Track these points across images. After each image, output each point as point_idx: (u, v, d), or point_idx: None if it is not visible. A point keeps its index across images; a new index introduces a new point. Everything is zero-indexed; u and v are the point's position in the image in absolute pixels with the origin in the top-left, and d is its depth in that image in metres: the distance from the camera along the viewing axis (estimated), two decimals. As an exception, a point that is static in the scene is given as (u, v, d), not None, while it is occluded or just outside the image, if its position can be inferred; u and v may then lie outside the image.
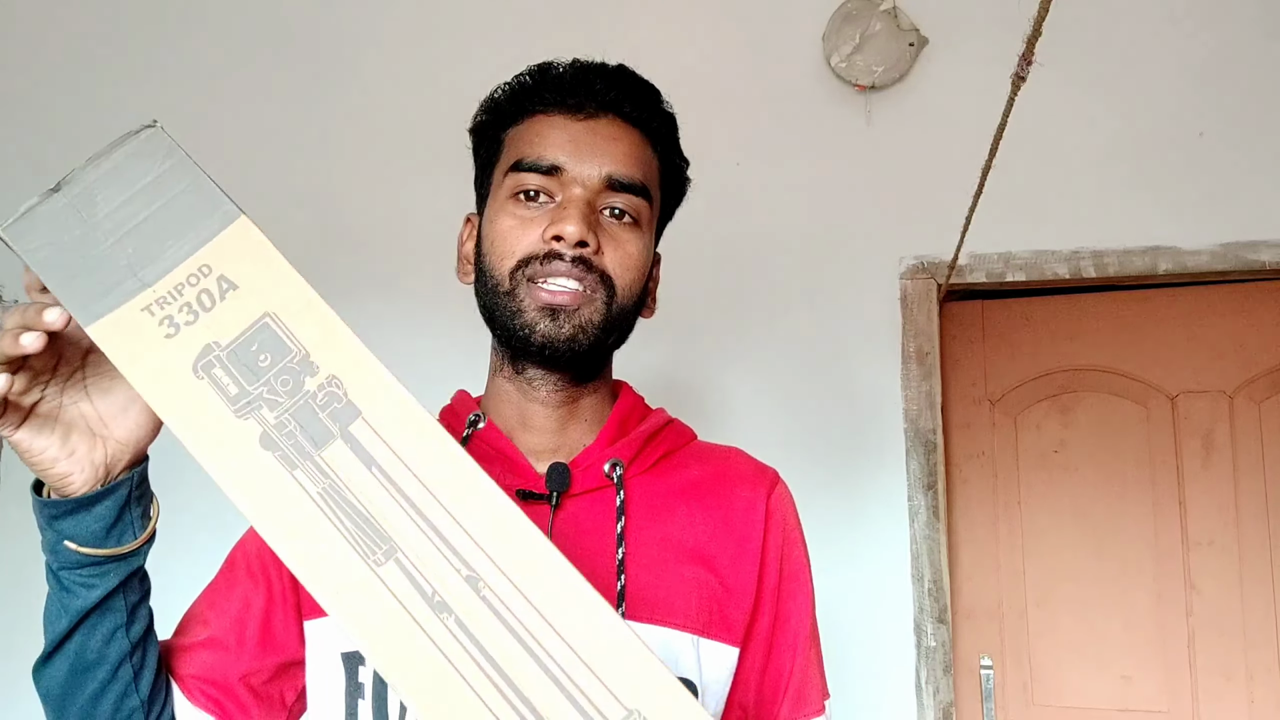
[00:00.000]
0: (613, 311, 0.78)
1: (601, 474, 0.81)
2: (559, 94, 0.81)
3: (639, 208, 0.80)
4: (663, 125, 0.85)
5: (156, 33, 2.36)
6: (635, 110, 0.82)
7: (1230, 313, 2.08)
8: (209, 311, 0.58)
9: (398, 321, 2.18)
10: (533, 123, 0.81)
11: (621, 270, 0.79)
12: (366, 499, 0.56)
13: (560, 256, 0.76)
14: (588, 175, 0.78)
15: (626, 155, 0.80)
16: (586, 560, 0.76)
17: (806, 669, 0.83)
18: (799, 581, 0.84)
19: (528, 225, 0.78)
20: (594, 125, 0.80)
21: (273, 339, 0.58)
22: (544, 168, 0.78)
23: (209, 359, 0.57)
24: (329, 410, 0.57)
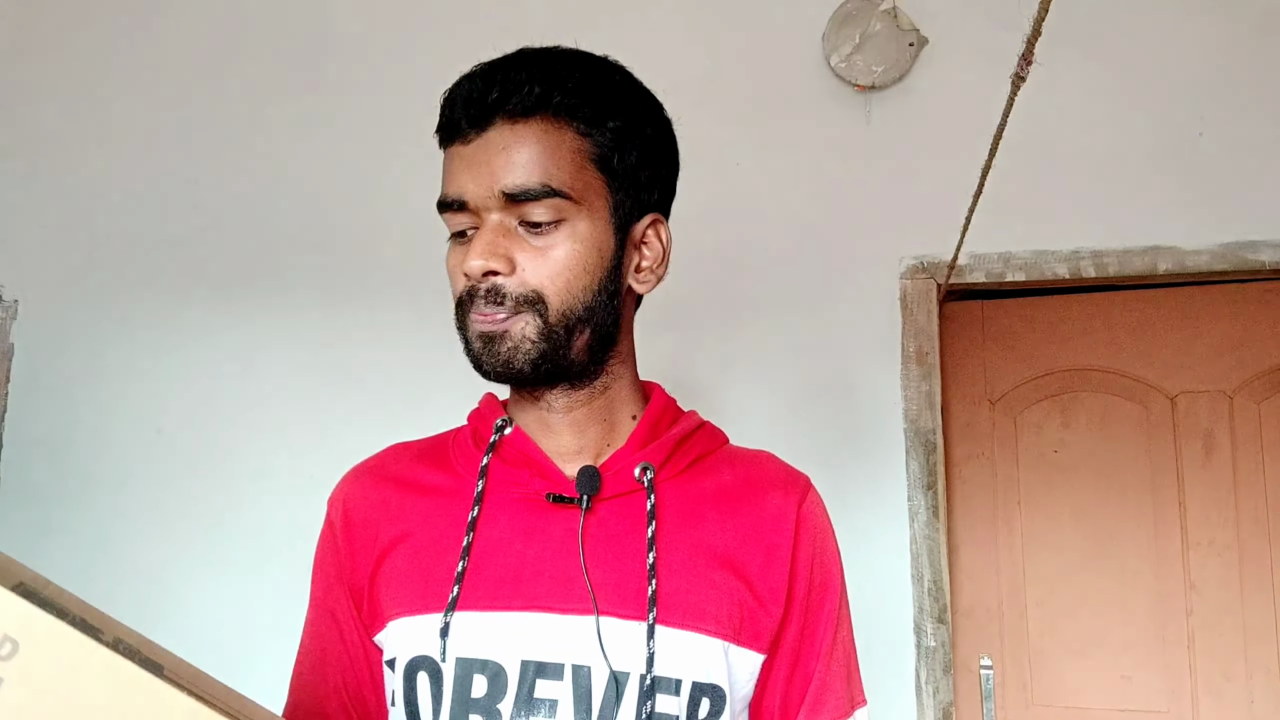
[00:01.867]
0: (551, 320, 0.76)
1: (632, 478, 0.80)
2: (453, 123, 0.78)
3: (553, 208, 0.75)
4: (568, 97, 0.76)
5: (155, 33, 2.36)
6: (521, 100, 0.75)
7: (1230, 313, 2.08)
8: None
9: (402, 322, 2.18)
10: (445, 159, 0.80)
11: (549, 279, 0.76)
12: None
13: (478, 291, 0.76)
14: (485, 199, 0.76)
15: (519, 162, 0.75)
16: (616, 564, 0.76)
17: (826, 676, 0.82)
18: (829, 590, 0.84)
19: (461, 264, 0.78)
20: (483, 141, 0.76)
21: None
22: (453, 205, 0.77)
23: None
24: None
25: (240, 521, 2.14)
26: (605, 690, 0.73)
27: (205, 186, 2.29)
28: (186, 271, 2.26)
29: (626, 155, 0.79)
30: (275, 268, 2.24)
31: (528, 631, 0.75)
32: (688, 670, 0.75)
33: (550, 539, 0.78)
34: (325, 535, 0.87)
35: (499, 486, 0.81)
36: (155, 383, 2.22)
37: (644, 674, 0.73)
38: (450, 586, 0.76)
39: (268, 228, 2.26)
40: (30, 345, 2.27)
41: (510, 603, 0.75)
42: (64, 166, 2.34)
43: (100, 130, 2.34)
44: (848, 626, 0.86)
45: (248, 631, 2.06)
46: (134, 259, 2.28)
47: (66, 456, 2.21)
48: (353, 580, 0.83)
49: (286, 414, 2.17)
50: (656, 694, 0.73)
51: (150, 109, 2.33)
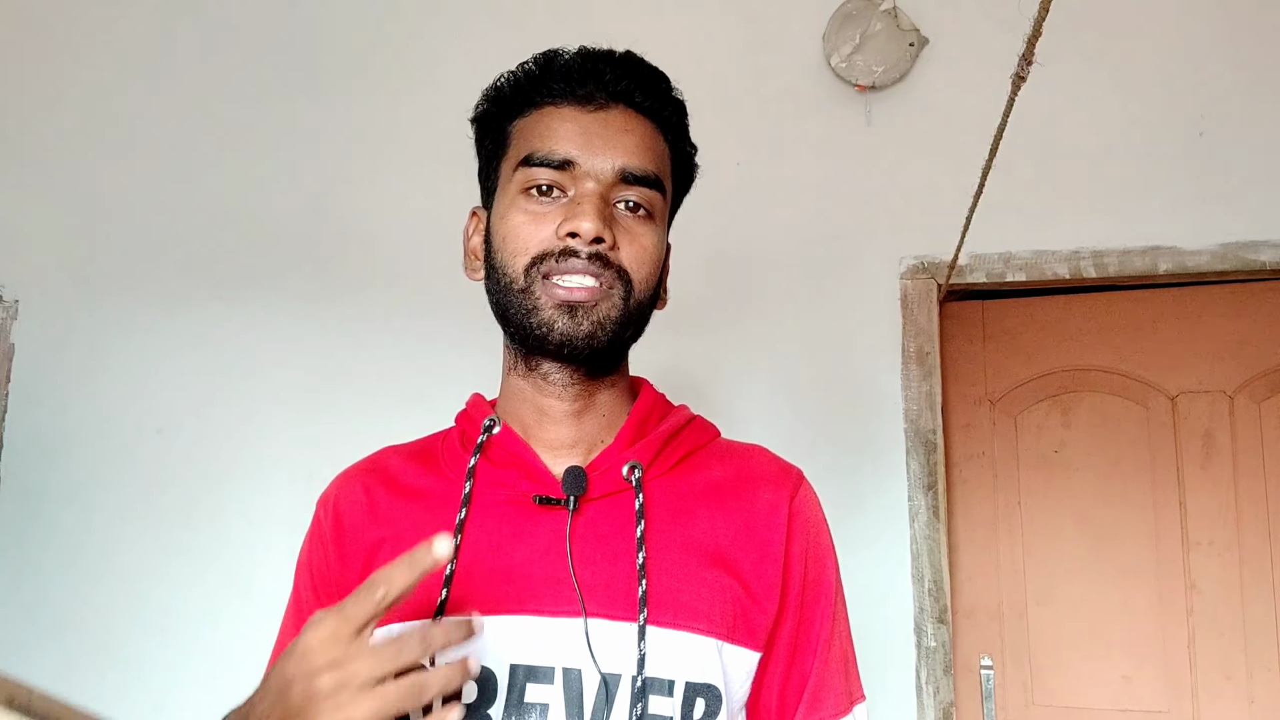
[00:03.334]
0: (630, 306, 0.77)
1: (620, 477, 0.79)
2: (568, 84, 0.79)
3: (653, 200, 0.79)
4: (674, 114, 0.83)
5: (157, 34, 2.36)
6: (646, 99, 0.80)
7: (1230, 313, 2.08)
8: None
9: (404, 322, 2.18)
10: (541, 115, 0.79)
11: (637, 265, 0.78)
12: None
13: (576, 253, 0.75)
14: (601, 169, 0.77)
15: (639, 147, 0.79)
16: (606, 565, 0.75)
17: (824, 673, 0.81)
18: (824, 586, 0.83)
19: (541, 221, 0.77)
20: (605, 116, 0.78)
21: None
22: (556, 162, 0.77)
23: None
24: None
25: (240, 521, 2.14)
26: (596, 693, 0.72)
27: (205, 186, 2.29)
28: (186, 272, 2.26)
29: (684, 179, 0.86)
30: (275, 268, 2.24)
31: (516, 635, 0.74)
32: (681, 670, 0.74)
33: (538, 541, 0.77)
34: (313, 535, 0.86)
35: (486, 488, 0.80)
36: (155, 383, 2.22)
37: (635, 675, 0.72)
38: (439, 590, 0.75)
39: (268, 228, 2.26)
40: (30, 345, 2.27)
41: (499, 606, 0.75)
42: (64, 166, 2.34)
43: (100, 130, 2.34)
44: (844, 622, 0.85)
45: (247, 631, 2.06)
46: (134, 259, 2.28)
47: (66, 456, 2.21)
48: (340, 582, 0.82)
49: (286, 414, 2.18)
50: (649, 695, 0.73)
51: (150, 109, 2.33)
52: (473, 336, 2.03)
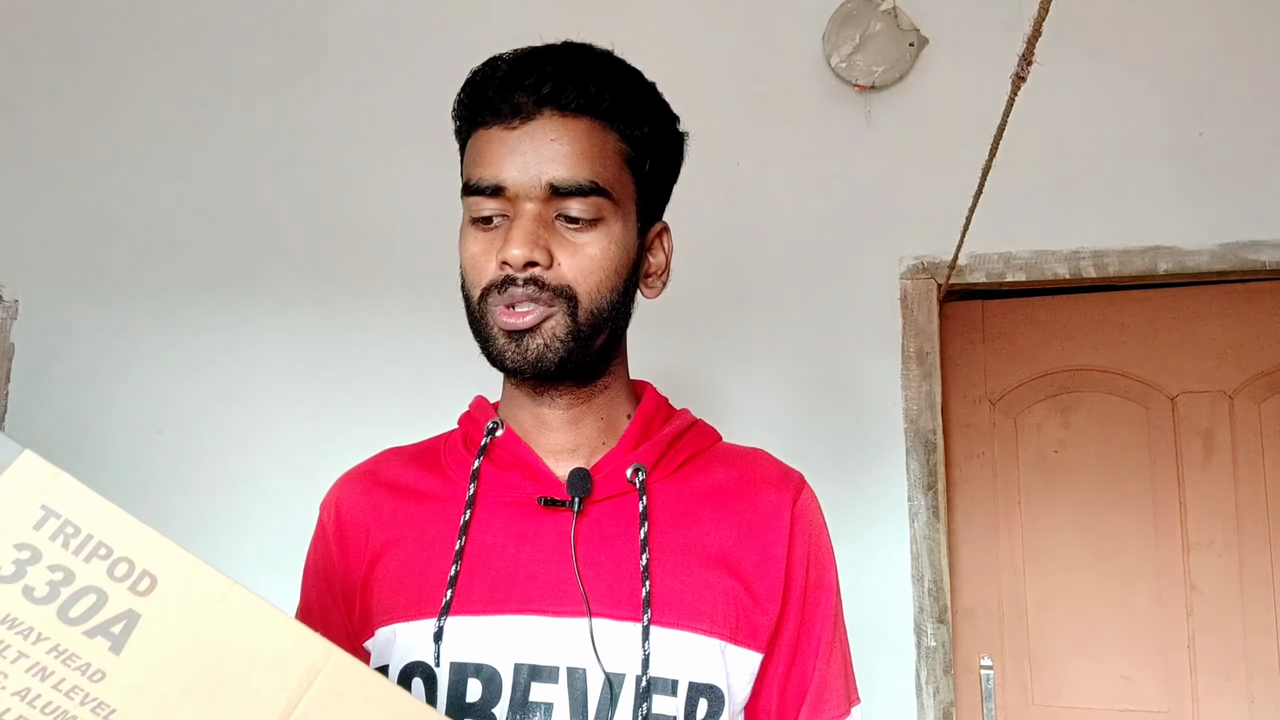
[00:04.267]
0: (580, 320, 0.76)
1: (624, 479, 0.80)
2: (493, 105, 0.77)
3: (595, 206, 0.76)
4: (616, 100, 0.78)
5: (157, 33, 2.36)
6: (576, 97, 0.76)
7: (1230, 313, 2.08)
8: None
9: (404, 323, 2.18)
10: (475, 139, 0.79)
11: (583, 276, 0.76)
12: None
13: (514, 280, 0.75)
14: (529, 189, 0.75)
15: (569, 154, 0.75)
16: (610, 566, 0.76)
17: (827, 674, 0.82)
18: (824, 588, 0.83)
19: (488, 252, 0.77)
20: (530, 129, 0.75)
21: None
22: (487, 189, 0.76)
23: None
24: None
25: (240, 521, 2.14)
26: (600, 693, 0.73)
27: (205, 186, 2.29)
28: (186, 272, 2.26)
29: (655, 162, 0.82)
30: (275, 268, 2.24)
31: (521, 635, 0.74)
32: (684, 671, 0.74)
33: (543, 542, 0.77)
34: (317, 539, 0.87)
35: (490, 489, 0.80)
36: (155, 383, 2.22)
37: (639, 675, 0.73)
38: (443, 591, 0.76)
39: (267, 228, 2.26)
40: (30, 345, 2.27)
41: (503, 606, 0.75)
42: (64, 166, 2.34)
43: (100, 130, 2.34)
44: (843, 625, 0.86)
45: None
46: (134, 259, 2.28)
47: (66, 456, 2.20)
48: (345, 585, 0.83)
49: (286, 414, 2.17)
50: (653, 695, 0.73)
51: (150, 109, 2.33)
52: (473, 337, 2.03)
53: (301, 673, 0.45)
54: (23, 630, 0.42)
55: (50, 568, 0.44)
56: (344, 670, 0.46)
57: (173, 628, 0.44)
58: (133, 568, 0.45)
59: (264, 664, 0.45)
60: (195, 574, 0.46)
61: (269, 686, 0.44)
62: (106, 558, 0.45)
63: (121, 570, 0.45)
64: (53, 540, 0.45)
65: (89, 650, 0.43)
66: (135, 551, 0.46)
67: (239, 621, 0.46)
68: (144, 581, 0.45)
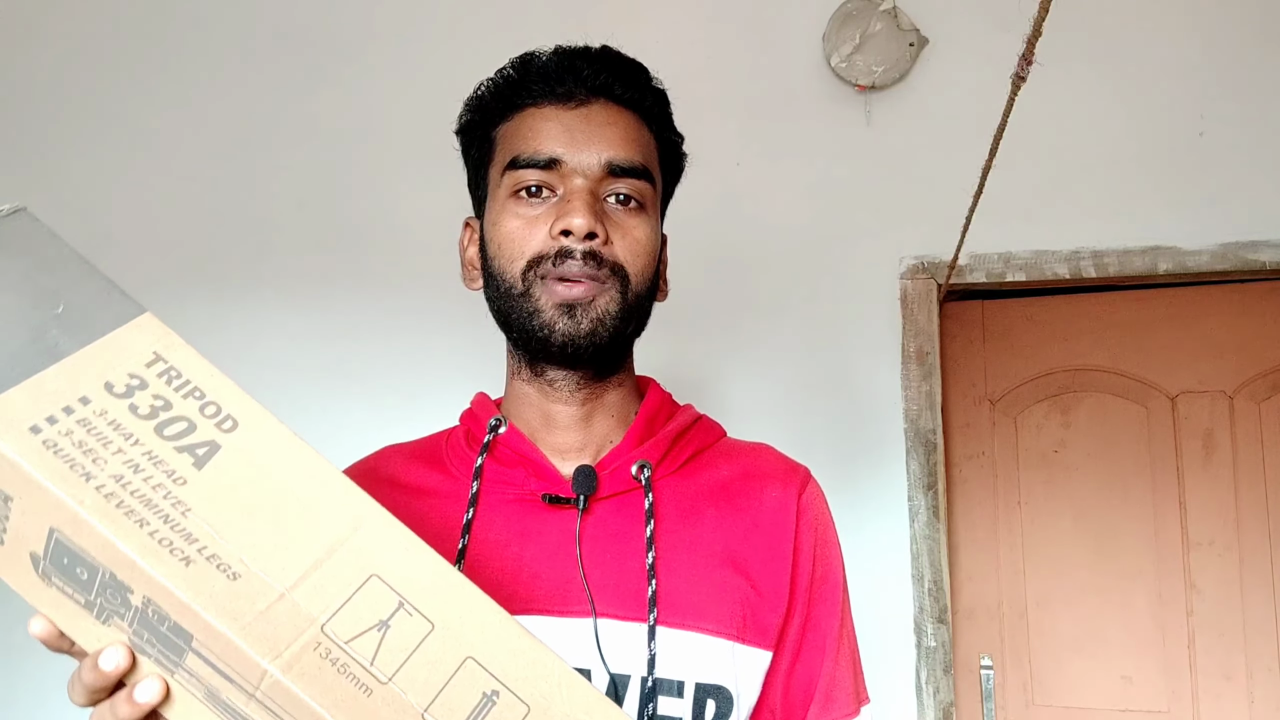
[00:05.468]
0: (628, 300, 0.77)
1: (629, 476, 0.79)
2: (546, 84, 0.79)
3: (642, 191, 0.79)
4: (655, 103, 0.83)
5: (155, 31, 2.36)
6: (626, 91, 0.80)
7: (1230, 313, 2.08)
8: (7, 521, 0.50)
9: (403, 322, 2.18)
10: (524, 117, 0.79)
11: (632, 257, 0.77)
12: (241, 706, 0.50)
13: (571, 252, 0.75)
14: (587, 164, 0.76)
15: (624, 139, 0.78)
16: (615, 565, 0.75)
17: (836, 671, 0.81)
18: (830, 583, 0.82)
19: (533, 224, 0.76)
20: (587, 112, 0.78)
21: (71, 554, 0.49)
22: (542, 162, 0.76)
23: (42, 567, 0.50)
24: (167, 626, 0.49)
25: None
26: (605, 694, 0.71)
27: (205, 186, 2.29)
28: (186, 271, 2.26)
29: (673, 168, 0.86)
30: (274, 268, 2.24)
31: None
32: (691, 671, 0.73)
33: (547, 540, 0.76)
34: None
35: (494, 487, 0.80)
36: (155, 383, 2.22)
37: (645, 676, 0.72)
38: None
39: (267, 227, 2.26)
40: (30, 345, 2.27)
41: (507, 606, 0.73)
42: (64, 167, 2.34)
43: (100, 130, 2.34)
44: (850, 620, 0.85)
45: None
46: (133, 259, 2.28)
47: (66, 456, 2.20)
48: None
49: (286, 413, 2.16)
50: (659, 696, 0.72)
51: (150, 108, 2.33)
52: (473, 335, 2.03)
53: (350, 518, 0.52)
54: (125, 433, 0.50)
55: (154, 395, 0.52)
56: (386, 525, 0.53)
57: (247, 460, 0.52)
58: (220, 410, 0.53)
59: (320, 504, 0.52)
60: (272, 426, 0.54)
61: (323, 522, 0.51)
62: (200, 399, 0.53)
63: (211, 410, 0.53)
64: (159, 377, 0.53)
65: (176, 461, 0.50)
66: (225, 399, 0.54)
67: (304, 469, 0.53)
68: (228, 422, 0.53)
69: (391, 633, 0.49)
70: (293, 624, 0.48)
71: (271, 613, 0.48)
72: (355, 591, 0.50)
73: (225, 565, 0.48)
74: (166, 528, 0.48)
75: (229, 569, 0.48)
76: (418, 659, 0.49)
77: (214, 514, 0.49)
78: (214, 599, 0.47)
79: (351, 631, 0.49)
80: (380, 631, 0.49)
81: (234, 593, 0.48)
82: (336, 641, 0.48)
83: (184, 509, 0.49)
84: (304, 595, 0.49)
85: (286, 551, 0.50)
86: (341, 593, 0.50)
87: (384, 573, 0.51)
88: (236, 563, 0.48)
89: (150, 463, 0.50)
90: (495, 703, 0.50)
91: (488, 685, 0.50)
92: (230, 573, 0.48)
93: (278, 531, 0.50)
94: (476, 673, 0.50)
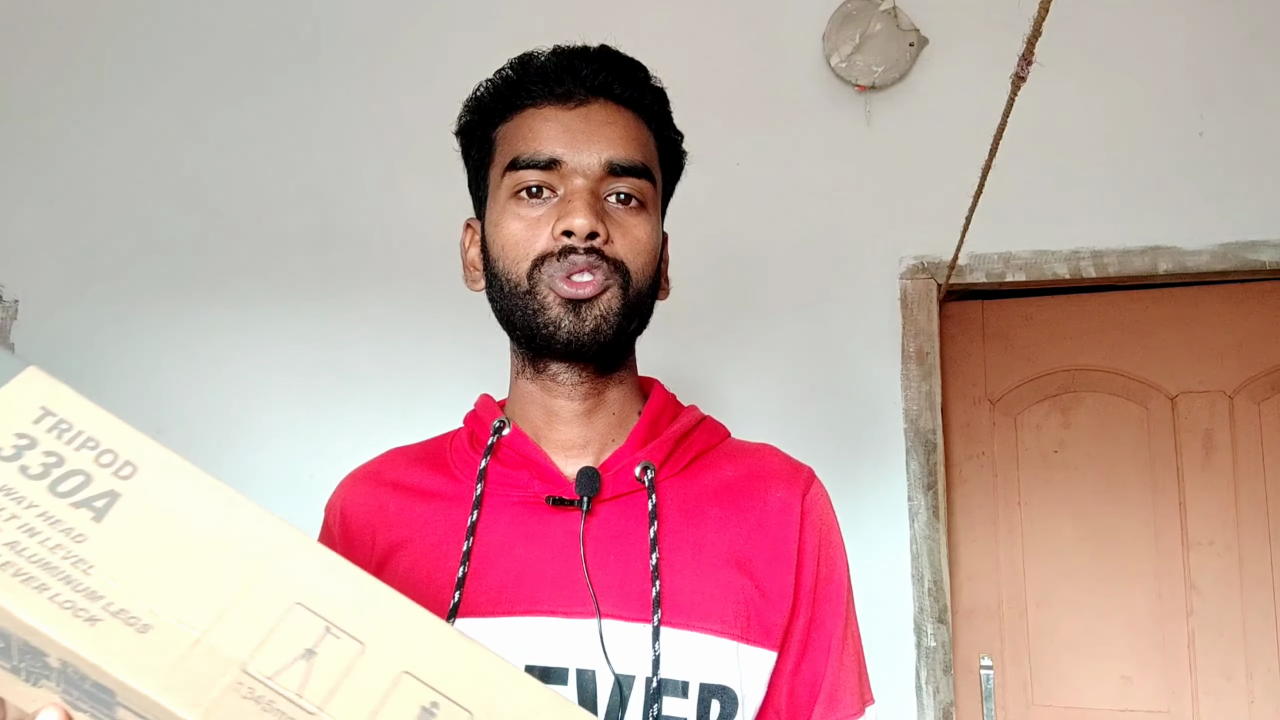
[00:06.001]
0: (630, 298, 0.78)
1: (633, 478, 0.79)
2: (546, 84, 0.79)
3: (643, 190, 0.79)
4: (655, 101, 0.83)
5: (156, 31, 2.36)
6: (626, 90, 0.80)
7: (1230, 313, 2.08)
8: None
9: (400, 323, 2.18)
10: (523, 118, 0.80)
11: (633, 256, 0.78)
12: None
13: (575, 250, 0.75)
14: (587, 164, 0.77)
15: (624, 138, 0.79)
16: (619, 566, 0.75)
17: (840, 672, 0.81)
18: (835, 584, 0.82)
19: (535, 225, 0.77)
20: (586, 112, 0.79)
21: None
22: (542, 162, 0.77)
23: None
24: (88, 684, 0.48)
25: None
26: (610, 695, 0.72)
27: (205, 186, 2.29)
28: (186, 271, 2.26)
29: (674, 166, 0.86)
30: (274, 268, 2.24)
31: (530, 636, 0.73)
32: (695, 672, 0.73)
33: (551, 542, 0.77)
34: (322, 542, 0.86)
35: (498, 489, 0.80)
36: (155, 383, 2.22)
37: (650, 677, 0.72)
38: (451, 593, 0.75)
39: (267, 228, 2.26)
40: (30, 345, 2.27)
41: (512, 608, 0.74)
42: (64, 167, 2.34)
43: (100, 130, 2.34)
44: (855, 621, 0.85)
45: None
46: (134, 259, 2.28)
47: (66, 456, 2.21)
48: None
49: (286, 414, 2.18)
50: (664, 697, 0.72)
51: (150, 109, 2.33)
52: (474, 336, 2.03)
53: (266, 548, 0.51)
54: (16, 497, 0.49)
55: (45, 453, 0.51)
56: (305, 549, 0.52)
57: (149, 505, 0.50)
58: (116, 457, 0.52)
59: (232, 538, 0.51)
60: (174, 464, 0.52)
61: (237, 556, 0.50)
62: (95, 448, 0.52)
63: (107, 459, 0.51)
64: (49, 433, 0.51)
65: (73, 517, 0.49)
66: (120, 445, 0.52)
67: (211, 504, 0.52)
68: (126, 469, 0.51)
69: (320, 659, 0.48)
70: (210, 668, 0.46)
71: (187, 660, 0.46)
72: (278, 622, 0.48)
73: (134, 618, 0.47)
74: (68, 589, 0.47)
75: (138, 621, 0.47)
76: (349, 683, 0.48)
77: (118, 566, 0.48)
78: (124, 655, 0.46)
79: (276, 665, 0.47)
80: (307, 660, 0.48)
81: (145, 646, 0.46)
82: (260, 679, 0.46)
83: (86, 566, 0.48)
84: (221, 636, 0.47)
85: (200, 593, 0.48)
86: (262, 626, 0.48)
87: (307, 599, 0.50)
88: (146, 614, 0.47)
89: (46, 524, 0.48)
90: (435, 714, 0.48)
91: (425, 698, 0.48)
92: (140, 625, 0.47)
93: (189, 573, 0.49)
94: (413, 687, 0.49)
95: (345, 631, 0.49)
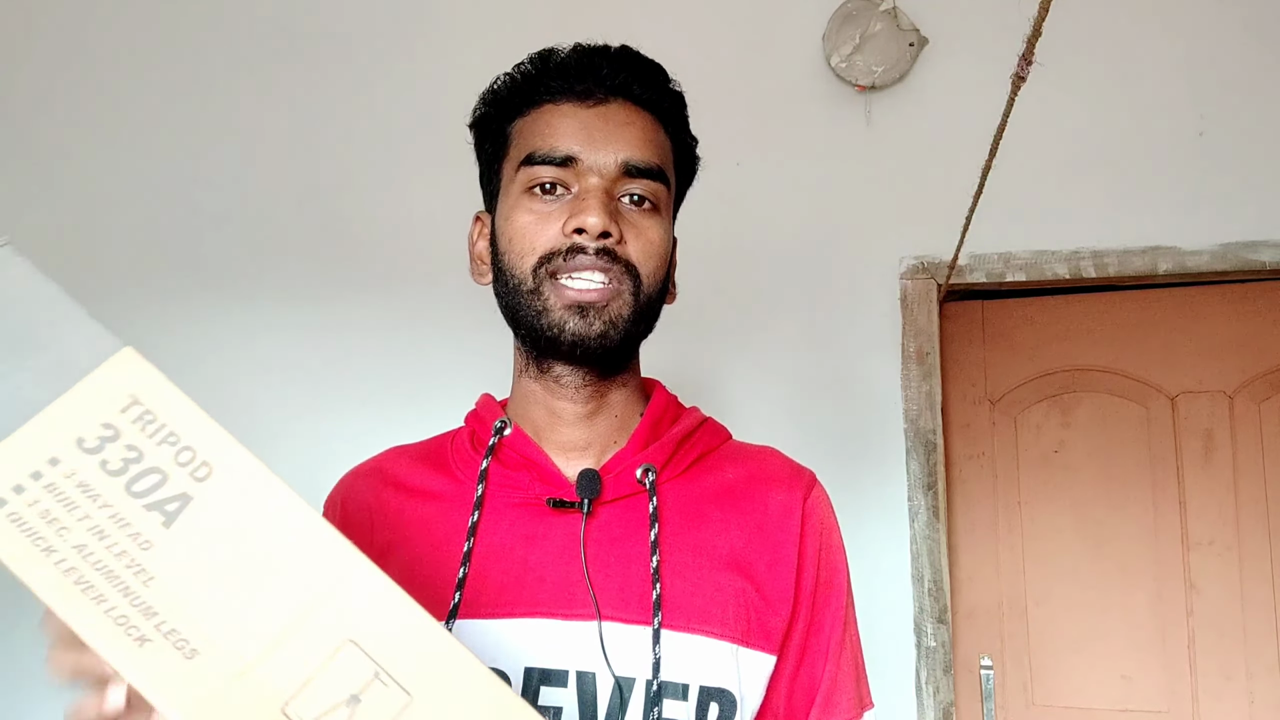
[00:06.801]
0: (640, 302, 0.77)
1: (634, 480, 0.79)
2: (565, 81, 0.78)
3: (657, 192, 0.79)
4: (673, 105, 0.83)
5: (155, 31, 2.36)
6: (645, 92, 0.80)
7: (1230, 313, 2.08)
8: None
9: (407, 321, 2.18)
10: (540, 113, 0.79)
11: (645, 258, 0.77)
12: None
13: (584, 250, 0.74)
14: (603, 163, 0.76)
15: (641, 139, 0.78)
16: (620, 568, 0.75)
17: (838, 676, 0.80)
18: (835, 587, 0.82)
19: (546, 220, 0.76)
20: (605, 111, 0.78)
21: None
22: (558, 159, 0.76)
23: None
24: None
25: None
26: (610, 697, 0.72)
27: (204, 186, 2.29)
28: (186, 271, 2.26)
29: (687, 171, 0.86)
30: (274, 267, 2.24)
31: (530, 638, 0.73)
32: (695, 674, 0.73)
33: (552, 543, 0.76)
34: None
35: (499, 490, 0.80)
36: (155, 383, 2.22)
37: (650, 679, 0.72)
38: (451, 593, 0.75)
39: (266, 227, 2.26)
40: (30, 345, 2.26)
41: (512, 609, 0.74)
42: (64, 167, 2.34)
43: (99, 130, 2.34)
44: (854, 625, 0.84)
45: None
46: (133, 259, 2.28)
47: (66, 456, 2.20)
48: None
49: (288, 414, 2.17)
50: (664, 699, 0.72)
51: (149, 109, 2.33)
52: (476, 336, 2.03)
53: (330, 576, 0.49)
54: (92, 494, 0.49)
55: (127, 446, 0.50)
56: (371, 582, 0.50)
57: (219, 513, 0.50)
58: (195, 455, 0.51)
59: (297, 560, 0.49)
60: (249, 469, 0.52)
61: (299, 580, 0.49)
62: (175, 444, 0.51)
63: (185, 457, 0.51)
64: (134, 424, 0.51)
65: (144, 521, 0.49)
66: (199, 442, 0.52)
67: (281, 519, 0.51)
68: (202, 469, 0.51)
69: (363, 708, 0.47)
70: (248, 704, 0.46)
71: (227, 693, 0.46)
72: (328, 660, 0.47)
73: (184, 640, 0.46)
74: (125, 602, 0.47)
75: (186, 645, 0.46)
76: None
77: (179, 580, 0.48)
78: (168, 682, 0.45)
79: (317, 709, 0.46)
80: (350, 707, 0.47)
81: (189, 674, 0.46)
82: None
83: (147, 578, 0.47)
84: (268, 670, 0.46)
85: (254, 618, 0.47)
86: (311, 663, 0.47)
87: (361, 638, 0.48)
88: (196, 636, 0.47)
89: (116, 526, 0.48)
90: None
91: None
92: (188, 650, 0.46)
93: (247, 595, 0.48)
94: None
95: (395, 680, 0.48)
